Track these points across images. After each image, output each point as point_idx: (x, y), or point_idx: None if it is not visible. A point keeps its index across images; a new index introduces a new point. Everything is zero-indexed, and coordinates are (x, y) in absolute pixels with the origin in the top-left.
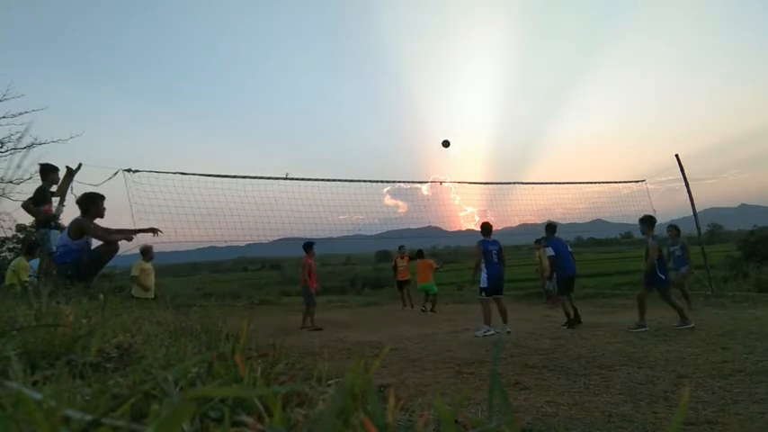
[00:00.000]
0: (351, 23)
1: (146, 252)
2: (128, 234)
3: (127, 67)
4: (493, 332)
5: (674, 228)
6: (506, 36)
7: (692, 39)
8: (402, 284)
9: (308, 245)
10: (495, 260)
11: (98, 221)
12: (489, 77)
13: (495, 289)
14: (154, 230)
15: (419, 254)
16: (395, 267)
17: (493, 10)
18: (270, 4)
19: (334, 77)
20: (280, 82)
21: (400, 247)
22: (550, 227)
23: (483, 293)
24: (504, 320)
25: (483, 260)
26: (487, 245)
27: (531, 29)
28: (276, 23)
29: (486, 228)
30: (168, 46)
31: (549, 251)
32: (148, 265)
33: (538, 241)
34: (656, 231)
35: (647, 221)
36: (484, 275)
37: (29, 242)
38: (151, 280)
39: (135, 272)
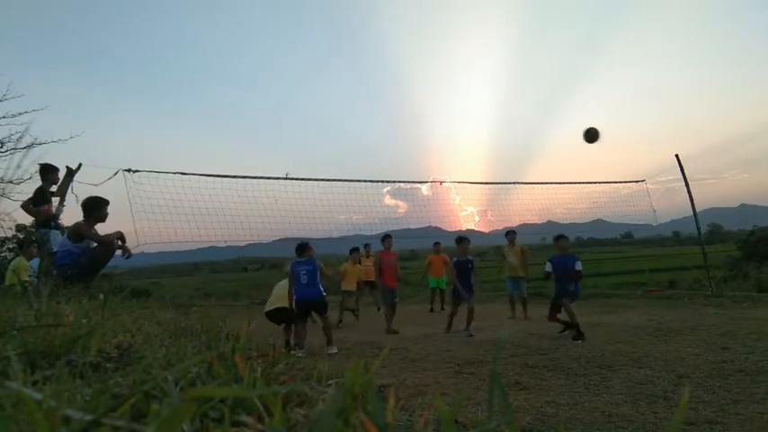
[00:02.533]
0: (351, 23)
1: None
2: (112, 237)
3: (127, 68)
4: None
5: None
6: (507, 35)
7: (693, 38)
8: (366, 285)
9: (383, 238)
10: None
11: (98, 226)
12: (489, 77)
13: None
14: (122, 238)
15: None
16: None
17: (493, 9)
18: (270, 4)
19: (334, 78)
20: (279, 82)
21: (366, 246)
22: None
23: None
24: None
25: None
26: None
27: (532, 28)
28: (276, 24)
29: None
30: (168, 46)
31: (549, 267)
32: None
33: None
34: (656, 232)
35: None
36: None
37: (26, 241)
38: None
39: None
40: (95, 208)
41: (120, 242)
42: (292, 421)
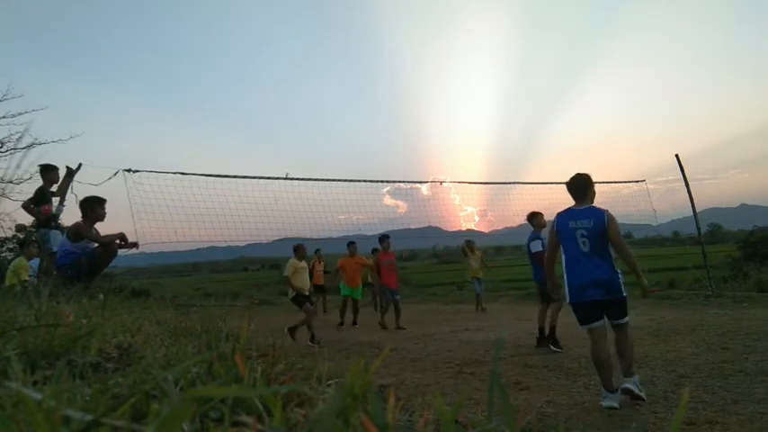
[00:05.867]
0: (350, 22)
1: (298, 250)
2: (112, 238)
3: (128, 67)
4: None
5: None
6: (506, 34)
7: (693, 38)
8: (318, 289)
9: (380, 238)
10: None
11: (98, 225)
12: (489, 76)
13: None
14: (123, 238)
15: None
16: (311, 271)
17: (493, 7)
18: (270, 3)
19: (334, 78)
20: (280, 82)
21: (317, 251)
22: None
23: None
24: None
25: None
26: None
27: (531, 27)
28: (276, 23)
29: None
30: (168, 46)
31: (537, 245)
32: (302, 264)
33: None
34: (656, 232)
35: None
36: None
37: (26, 241)
38: (306, 278)
39: (288, 272)
40: (90, 207)
41: (122, 242)
42: (292, 421)
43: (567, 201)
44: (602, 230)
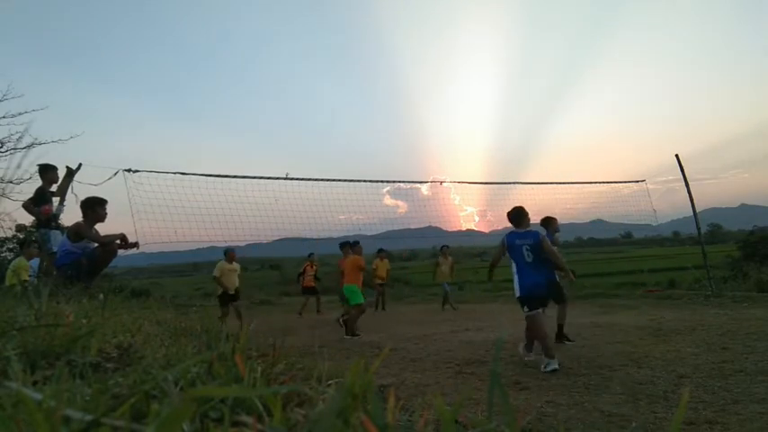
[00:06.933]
0: (350, 22)
1: (228, 254)
2: (112, 238)
3: (128, 67)
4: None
5: None
6: (506, 34)
7: (693, 38)
8: (309, 291)
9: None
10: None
11: (99, 225)
12: (489, 76)
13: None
14: (124, 239)
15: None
16: (302, 274)
17: (493, 6)
18: (270, 3)
19: (334, 78)
20: (280, 82)
21: (310, 255)
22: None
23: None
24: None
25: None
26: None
27: (531, 27)
28: (276, 23)
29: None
30: (168, 46)
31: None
32: (231, 266)
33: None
34: (656, 232)
35: None
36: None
37: (26, 241)
38: (233, 279)
39: (216, 273)
40: (91, 208)
41: (122, 242)
42: (292, 421)
43: (565, 200)
44: (540, 246)
